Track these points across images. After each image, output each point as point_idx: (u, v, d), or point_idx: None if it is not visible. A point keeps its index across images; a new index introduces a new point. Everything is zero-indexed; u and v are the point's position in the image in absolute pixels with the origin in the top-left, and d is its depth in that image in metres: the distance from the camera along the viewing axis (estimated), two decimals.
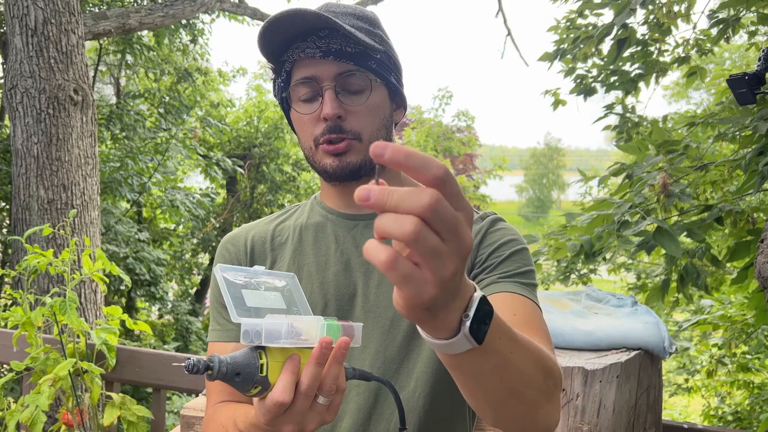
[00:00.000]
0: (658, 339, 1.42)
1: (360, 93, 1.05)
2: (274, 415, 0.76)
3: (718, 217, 2.29)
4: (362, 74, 1.05)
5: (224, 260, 1.18)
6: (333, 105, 1.03)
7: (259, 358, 0.75)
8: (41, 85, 4.41)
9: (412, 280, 0.55)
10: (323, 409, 0.78)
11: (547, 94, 3.88)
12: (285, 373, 0.75)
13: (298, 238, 1.16)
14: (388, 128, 1.10)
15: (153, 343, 7.07)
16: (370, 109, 1.06)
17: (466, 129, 16.63)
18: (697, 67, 3.40)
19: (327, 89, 1.04)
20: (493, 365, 0.70)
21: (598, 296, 1.69)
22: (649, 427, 1.47)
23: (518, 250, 1.07)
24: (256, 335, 0.74)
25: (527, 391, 0.76)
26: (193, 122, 8.45)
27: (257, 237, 1.19)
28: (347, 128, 1.04)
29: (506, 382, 0.73)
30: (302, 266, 1.13)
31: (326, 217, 1.17)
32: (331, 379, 0.77)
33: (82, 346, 2.44)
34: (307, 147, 1.09)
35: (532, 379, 0.76)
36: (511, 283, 1.02)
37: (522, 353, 0.73)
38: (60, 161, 4.45)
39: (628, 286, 6.28)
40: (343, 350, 0.77)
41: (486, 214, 1.13)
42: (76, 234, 4.39)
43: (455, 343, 0.64)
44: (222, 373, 0.73)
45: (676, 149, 2.44)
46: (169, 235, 8.71)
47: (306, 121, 1.07)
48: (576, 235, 2.15)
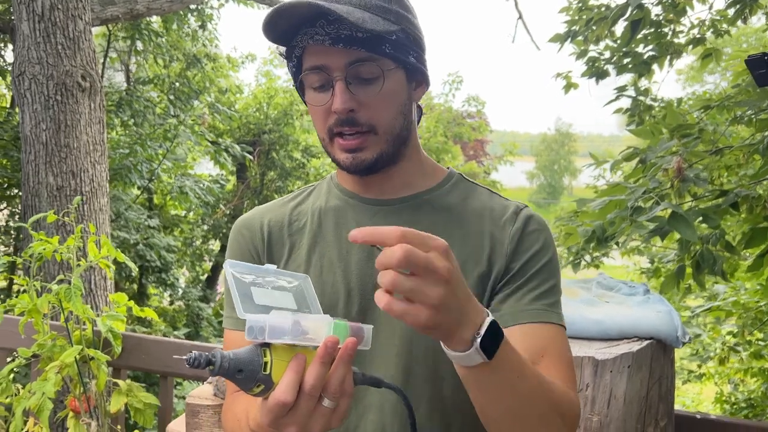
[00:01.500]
0: (670, 328, 1.38)
1: (373, 82, 0.98)
2: (276, 415, 0.73)
3: (734, 202, 2.23)
4: (375, 62, 0.97)
5: (239, 246, 1.12)
6: (343, 98, 0.97)
7: (263, 356, 0.73)
8: (49, 72, 4.39)
9: (407, 313, 0.71)
10: (328, 412, 0.75)
11: (559, 77, 3.81)
12: (289, 372, 0.72)
13: (318, 223, 1.11)
14: (406, 114, 1.04)
15: (163, 329, 7.10)
16: (385, 98, 0.99)
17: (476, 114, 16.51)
18: (713, 49, 3.32)
19: (337, 80, 0.97)
20: (498, 383, 0.81)
21: (609, 284, 1.64)
22: (661, 418, 1.44)
23: (548, 260, 1.03)
24: (260, 331, 0.72)
25: (530, 418, 0.85)
26: (202, 108, 8.43)
27: (273, 222, 1.13)
28: (361, 121, 0.98)
29: (510, 402, 0.82)
30: (323, 254, 1.08)
31: (346, 201, 1.11)
32: (337, 381, 0.74)
33: (89, 333, 2.43)
34: (321, 138, 1.04)
35: (536, 404, 0.84)
36: (536, 310, 0.99)
37: (528, 381, 0.83)
38: (69, 148, 4.44)
39: (641, 271, 6.21)
40: (350, 351, 0.74)
41: (519, 208, 1.07)
42: (85, 221, 4.39)
43: (469, 356, 0.76)
44: (224, 369, 0.71)
45: (691, 133, 2.37)
46: (179, 221, 8.74)
47: (318, 111, 1.01)
48: (588, 221, 2.11)
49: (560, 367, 0.95)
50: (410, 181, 1.09)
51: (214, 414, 1.83)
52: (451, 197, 1.09)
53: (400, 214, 1.07)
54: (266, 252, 1.11)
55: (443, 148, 13.66)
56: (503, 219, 1.05)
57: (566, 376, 0.95)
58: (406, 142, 1.05)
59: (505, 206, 1.07)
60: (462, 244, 1.03)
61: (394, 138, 1.01)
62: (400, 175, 1.08)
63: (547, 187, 47.16)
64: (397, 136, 1.02)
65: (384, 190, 1.08)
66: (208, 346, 2.39)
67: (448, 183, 1.11)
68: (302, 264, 1.08)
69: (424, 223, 1.04)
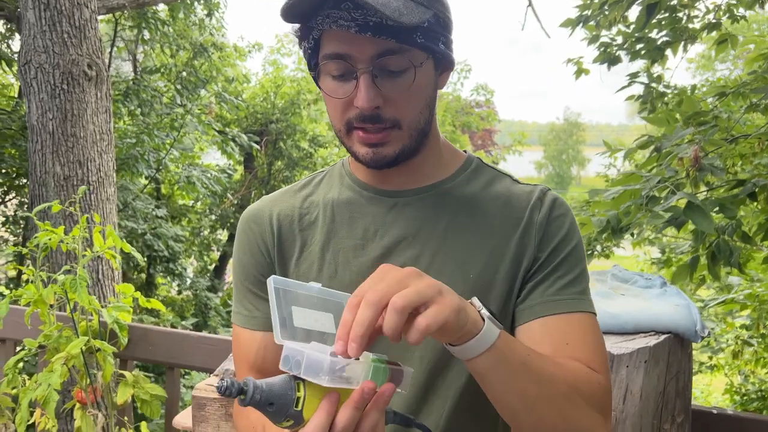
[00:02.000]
0: (689, 322, 1.34)
1: (402, 75, 0.89)
2: None
3: (751, 192, 2.17)
4: (405, 54, 0.88)
5: (248, 240, 1.06)
6: (370, 95, 0.88)
7: (296, 390, 0.70)
8: (55, 60, 4.36)
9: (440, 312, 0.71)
10: None
11: (570, 63, 3.74)
12: (320, 411, 0.69)
13: (330, 217, 1.03)
14: (431, 105, 0.96)
15: (171, 319, 7.11)
16: (414, 93, 0.91)
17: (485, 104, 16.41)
18: (728, 35, 3.24)
19: (363, 74, 0.88)
20: (512, 367, 0.79)
21: (624, 276, 1.60)
22: (678, 414, 1.40)
23: (575, 246, 0.98)
24: (296, 365, 0.68)
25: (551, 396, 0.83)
26: (209, 97, 8.40)
27: (283, 215, 1.05)
28: (386, 117, 0.90)
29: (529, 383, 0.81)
30: (338, 251, 1.01)
31: (360, 193, 1.04)
32: (368, 427, 0.70)
33: (95, 324, 2.41)
34: (338, 128, 0.96)
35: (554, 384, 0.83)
36: (565, 299, 0.95)
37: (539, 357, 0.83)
38: (75, 137, 4.42)
39: (651, 261, 6.15)
40: (387, 398, 0.71)
41: (543, 192, 1.01)
42: (92, 211, 4.38)
43: (486, 332, 0.76)
44: (255, 400, 0.68)
45: (707, 121, 2.32)
46: (187, 211, 8.73)
47: (336, 103, 0.92)
48: (601, 210, 2.06)
49: (585, 352, 0.91)
50: (429, 171, 1.02)
51: (220, 407, 1.80)
52: (472, 186, 1.03)
53: (417, 207, 1.00)
54: (277, 248, 1.04)
55: (451, 138, 13.58)
56: (529, 205, 0.99)
57: (592, 360, 0.91)
58: (429, 133, 0.99)
59: (529, 191, 1.01)
60: (487, 234, 0.98)
61: (418, 132, 0.95)
62: (419, 166, 1.01)
63: (555, 177, 46.92)
64: (421, 130, 0.95)
65: (401, 181, 1.02)
66: (216, 337, 2.37)
67: (467, 170, 1.05)
68: (315, 261, 1.02)
69: (444, 216, 0.99)
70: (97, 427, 2.25)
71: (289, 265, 1.04)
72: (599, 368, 0.91)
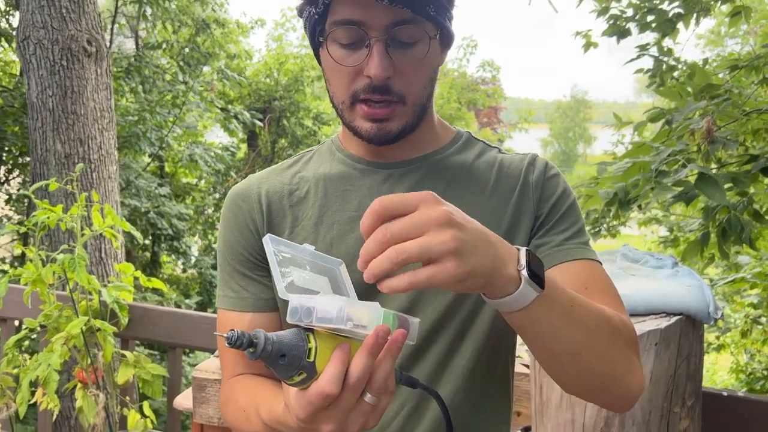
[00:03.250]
0: (702, 304, 1.30)
1: (413, 47, 0.88)
2: (316, 407, 0.66)
3: (764, 167, 2.11)
4: (419, 25, 0.87)
5: (235, 218, 1.02)
6: (383, 65, 0.86)
7: (308, 341, 0.66)
8: (54, 36, 4.30)
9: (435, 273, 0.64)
10: (369, 408, 0.69)
11: (578, 36, 3.65)
12: (334, 361, 0.66)
13: (323, 191, 1.01)
14: (434, 81, 0.97)
15: (175, 297, 7.12)
16: (423, 66, 0.91)
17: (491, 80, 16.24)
18: (742, 6, 3.14)
19: (376, 42, 0.86)
20: (556, 317, 0.75)
21: (634, 256, 1.55)
22: (689, 397, 1.36)
23: (572, 202, 1.00)
24: (306, 313, 0.65)
25: (595, 345, 0.79)
26: (211, 74, 8.31)
27: (272, 191, 1.02)
28: (394, 89, 0.89)
29: (573, 332, 0.77)
30: (332, 224, 0.99)
31: (353, 166, 1.02)
32: (383, 375, 0.67)
33: (95, 303, 2.39)
34: (340, 101, 0.93)
35: (596, 331, 0.79)
36: (574, 247, 0.96)
37: (582, 305, 0.78)
38: (76, 115, 4.37)
39: (659, 240, 6.09)
40: (399, 344, 0.67)
41: (533, 157, 1.03)
42: (94, 189, 4.34)
43: (521, 293, 0.70)
44: (266, 352, 0.64)
45: (719, 94, 2.25)
46: (191, 189, 8.71)
47: (344, 71, 0.90)
48: (608, 185, 2.00)
49: (605, 296, 0.91)
50: (421, 144, 1.02)
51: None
52: (464, 155, 1.04)
53: (413, 176, 1.00)
54: (266, 225, 1.01)
55: (457, 115, 13.45)
56: (523, 168, 1.01)
57: (612, 302, 0.91)
58: (428, 109, 0.99)
59: (520, 158, 1.04)
60: (484, 198, 0.99)
61: (420, 107, 0.94)
62: (414, 140, 1.00)
63: (561, 154, 46.65)
64: (422, 105, 0.95)
65: (395, 154, 1.00)
66: (216, 317, 2.34)
67: (458, 142, 1.06)
68: (308, 237, 0.99)
69: (440, 183, 0.99)
70: (99, 407, 2.23)
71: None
72: (621, 310, 0.91)
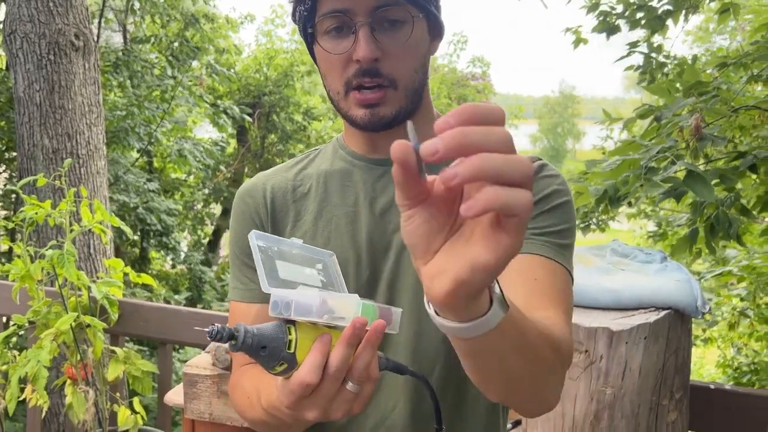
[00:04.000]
0: (690, 298, 1.31)
1: (399, 29, 0.91)
2: (298, 396, 0.70)
3: (752, 164, 2.14)
4: (403, 6, 0.90)
5: (243, 214, 1.07)
6: (370, 47, 0.89)
7: (288, 333, 0.69)
8: (41, 30, 4.25)
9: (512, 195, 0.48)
10: (351, 396, 0.71)
11: (568, 32, 3.66)
12: (314, 351, 0.69)
13: (323, 187, 1.05)
14: (425, 67, 0.98)
15: (164, 293, 7.09)
16: (410, 48, 0.93)
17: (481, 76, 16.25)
18: (731, 3, 3.17)
19: (362, 26, 0.89)
20: (511, 344, 0.66)
21: (624, 251, 1.57)
22: (677, 390, 1.38)
23: (561, 203, 0.95)
24: (286, 307, 0.68)
25: (537, 370, 0.74)
26: (200, 68, 8.26)
27: (277, 188, 1.06)
28: (383, 72, 0.92)
29: (521, 361, 0.69)
30: (330, 219, 1.02)
31: (352, 163, 1.05)
32: (363, 364, 0.70)
33: (85, 299, 2.37)
34: (335, 92, 0.96)
35: (542, 357, 0.73)
36: (542, 243, 0.90)
37: (533, 329, 0.71)
38: (63, 109, 4.33)
39: (647, 235, 6.14)
40: (378, 334, 0.69)
41: (533, 158, 1.01)
42: (82, 184, 4.31)
43: (491, 316, 0.60)
44: (246, 344, 0.67)
45: (708, 91, 2.27)
46: (180, 185, 8.66)
47: (334, 60, 0.93)
48: (599, 181, 2.02)
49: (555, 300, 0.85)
50: (420, 139, 1.01)
51: (212, 384, 1.78)
52: None
53: None
54: (270, 219, 1.05)
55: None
56: None
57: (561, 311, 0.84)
58: (421, 98, 1.00)
59: None
60: None
61: (413, 93, 0.96)
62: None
63: (551, 150, 46.81)
64: (415, 91, 0.96)
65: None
66: (208, 313, 2.35)
67: None
68: (308, 231, 1.03)
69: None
70: (89, 404, 2.22)
71: (283, 235, 1.04)
72: (565, 321, 0.85)
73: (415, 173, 0.53)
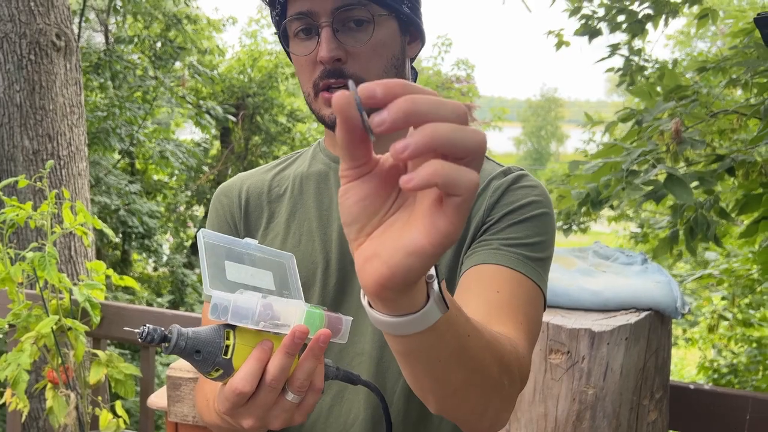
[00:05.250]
0: (670, 299, 1.33)
1: (363, 29, 0.91)
2: (233, 404, 0.67)
3: (729, 167, 2.17)
4: (364, 7, 0.90)
5: (217, 214, 1.06)
6: (330, 47, 0.89)
7: (226, 338, 0.66)
8: (21, 30, 4.21)
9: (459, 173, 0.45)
10: (291, 406, 0.68)
11: (551, 35, 3.70)
12: (251, 359, 0.66)
13: (299, 189, 1.04)
14: (399, 67, 0.96)
15: (147, 296, 7.03)
16: (375, 49, 0.92)
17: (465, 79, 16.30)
18: (709, 9, 3.22)
19: (324, 27, 0.90)
20: (450, 350, 0.62)
21: (606, 253, 1.59)
22: (657, 390, 1.40)
23: (536, 215, 0.91)
24: (224, 311, 0.65)
25: (479, 384, 0.68)
26: (182, 69, 8.20)
27: (252, 188, 1.06)
28: (348, 72, 0.91)
29: (460, 370, 0.64)
30: (303, 221, 1.01)
31: (329, 165, 1.04)
32: (304, 375, 0.67)
33: (66, 302, 2.35)
34: (306, 93, 0.97)
35: (486, 370, 0.67)
36: (511, 255, 0.87)
37: (478, 339, 0.65)
38: (44, 110, 4.29)
39: (630, 236, 6.19)
40: (321, 344, 0.67)
41: (510, 170, 0.98)
42: (63, 186, 4.26)
43: (426, 313, 0.56)
44: (179, 347, 0.64)
45: (688, 95, 2.30)
46: (162, 187, 8.59)
47: (303, 62, 0.94)
48: (581, 183, 2.04)
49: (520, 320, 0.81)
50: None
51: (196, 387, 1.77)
52: None
53: None
54: (243, 220, 1.04)
55: None
56: (490, 176, 0.96)
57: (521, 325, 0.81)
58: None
59: (495, 167, 0.98)
60: None
61: None
62: (390, 138, 0.98)
63: (534, 153, 47.08)
64: None
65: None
66: (188, 315, 2.33)
67: None
68: (280, 233, 1.01)
69: None
70: (70, 407, 2.20)
71: (255, 236, 1.04)
72: (523, 336, 0.81)
73: (360, 132, 0.48)
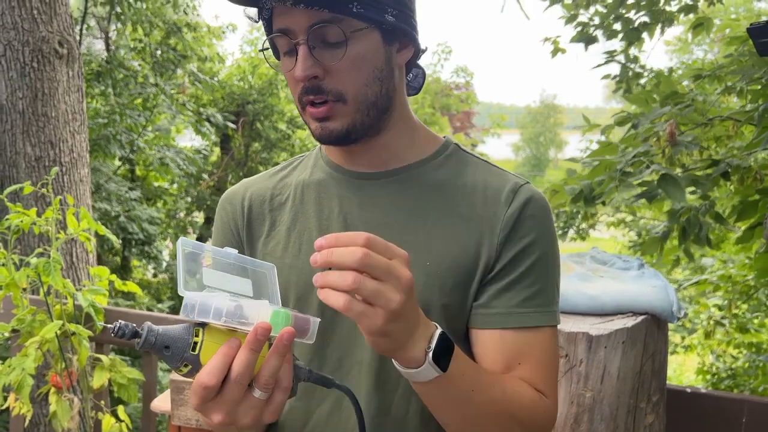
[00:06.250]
0: (666, 303, 1.36)
1: (339, 45, 0.89)
2: (201, 398, 0.71)
3: (724, 172, 2.20)
4: (339, 23, 0.88)
5: (222, 221, 1.08)
6: (305, 65, 0.89)
7: (194, 335, 0.71)
8: (24, 38, 4.24)
9: (365, 314, 0.71)
10: (259, 403, 0.72)
11: (547, 42, 3.73)
12: (217, 355, 0.70)
13: (300, 198, 1.04)
14: (384, 79, 0.93)
15: (147, 302, 7.04)
16: (354, 63, 0.90)
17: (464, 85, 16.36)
18: (704, 18, 3.26)
19: (300, 45, 0.89)
20: (452, 397, 0.82)
21: (603, 258, 1.61)
22: (654, 393, 1.42)
23: (544, 253, 0.94)
24: (191, 309, 0.69)
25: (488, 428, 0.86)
26: (183, 76, 8.25)
27: (255, 196, 1.06)
28: (327, 88, 0.90)
29: (464, 416, 0.84)
30: (303, 230, 1.01)
31: (330, 174, 1.04)
32: (268, 372, 0.71)
33: (70, 307, 2.37)
34: (297, 107, 0.97)
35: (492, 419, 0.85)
36: (525, 313, 0.92)
37: (484, 394, 0.84)
38: (47, 117, 4.32)
39: (629, 244, 6.22)
40: (285, 342, 0.70)
41: (517, 185, 0.97)
42: (66, 192, 4.29)
43: (423, 371, 0.77)
44: (149, 342, 0.69)
45: (683, 101, 2.34)
46: (162, 193, 8.62)
47: (289, 78, 0.94)
48: (575, 181, 2.07)
49: (538, 372, 0.92)
50: (399, 152, 1.00)
51: None
52: (442, 171, 1.00)
53: (385, 189, 0.99)
54: (246, 227, 1.05)
55: (431, 120, 13.55)
56: (498, 200, 0.95)
57: (543, 381, 0.92)
58: (388, 110, 0.96)
59: (501, 184, 0.97)
60: (449, 223, 0.95)
61: (368, 107, 0.93)
62: (386, 146, 1.00)
63: (533, 159, 47.13)
64: (372, 104, 0.93)
65: (371, 163, 1.00)
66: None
67: (441, 155, 1.02)
68: (281, 241, 1.02)
69: (409, 199, 0.98)
70: (73, 412, 2.22)
71: (257, 244, 1.04)
72: (548, 391, 0.92)
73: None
